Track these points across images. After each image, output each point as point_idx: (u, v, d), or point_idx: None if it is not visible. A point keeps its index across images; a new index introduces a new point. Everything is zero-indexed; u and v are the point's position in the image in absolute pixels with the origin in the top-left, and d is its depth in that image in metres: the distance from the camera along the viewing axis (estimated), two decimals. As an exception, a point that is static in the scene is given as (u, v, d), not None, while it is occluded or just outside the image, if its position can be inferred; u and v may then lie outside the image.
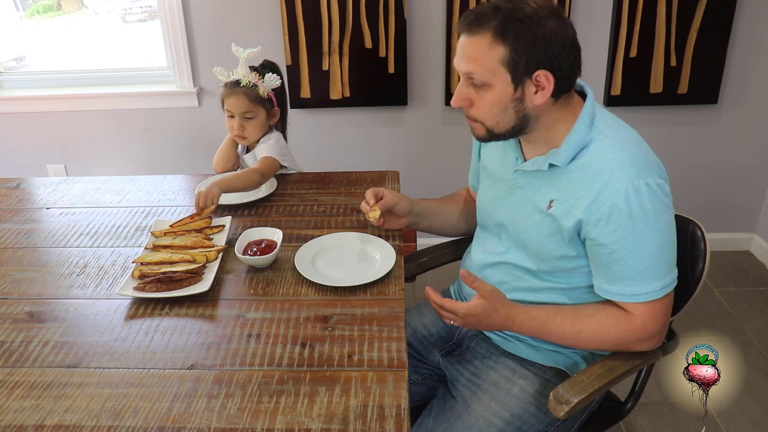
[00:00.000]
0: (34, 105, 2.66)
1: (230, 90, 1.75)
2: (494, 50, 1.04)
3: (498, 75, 1.05)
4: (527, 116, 1.10)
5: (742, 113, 2.52)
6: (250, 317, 1.19)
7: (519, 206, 1.22)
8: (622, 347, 1.16)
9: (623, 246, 1.07)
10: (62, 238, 1.51)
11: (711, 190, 2.67)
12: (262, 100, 1.77)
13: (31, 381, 1.04)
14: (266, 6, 2.39)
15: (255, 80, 1.75)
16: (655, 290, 1.09)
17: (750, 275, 2.64)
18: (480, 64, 1.06)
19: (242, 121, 1.76)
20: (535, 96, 1.07)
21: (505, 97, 1.07)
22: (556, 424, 1.20)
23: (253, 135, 1.80)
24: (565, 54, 1.05)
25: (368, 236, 1.42)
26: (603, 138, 1.10)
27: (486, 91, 1.08)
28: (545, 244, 1.17)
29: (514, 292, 1.23)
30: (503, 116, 1.10)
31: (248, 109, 1.75)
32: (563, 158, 1.11)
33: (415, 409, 1.30)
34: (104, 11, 3.09)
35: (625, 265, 1.08)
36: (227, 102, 1.77)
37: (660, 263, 1.09)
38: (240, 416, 0.96)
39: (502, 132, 1.12)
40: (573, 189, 1.11)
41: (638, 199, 1.04)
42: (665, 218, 1.08)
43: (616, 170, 1.06)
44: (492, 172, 1.31)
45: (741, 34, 2.37)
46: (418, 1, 2.37)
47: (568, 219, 1.11)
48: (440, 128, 2.59)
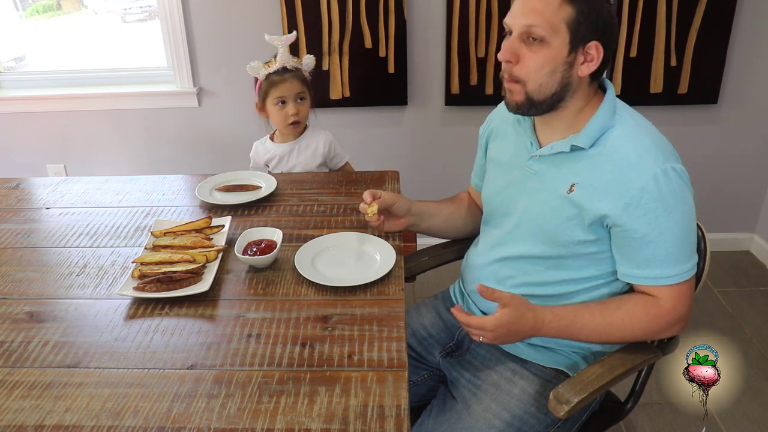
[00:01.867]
0: (33, 105, 2.66)
1: (279, 77, 1.79)
2: (562, 9, 1.07)
3: (559, 33, 1.08)
4: (569, 86, 1.12)
5: (742, 113, 2.52)
6: (250, 317, 1.19)
7: (534, 192, 1.22)
8: (652, 335, 1.17)
9: (654, 228, 1.08)
10: (62, 238, 1.51)
11: (711, 190, 2.67)
12: (307, 81, 1.83)
13: (30, 381, 1.04)
14: (266, 6, 2.39)
15: (297, 64, 1.80)
16: (683, 272, 1.11)
17: (750, 275, 2.64)
18: (545, 18, 1.07)
19: (296, 104, 1.81)
20: (581, 66, 1.10)
21: (559, 58, 1.09)
22: (557, 425, 1.20)
23: (305, 116, 1.85)
24: (615, 33, 1.13)
25: (368, 236, 1.42)
26: (625, 124, 1.13)
27: (541, 47, 1.09)
28: (563, 229, 1.17)
29: (522, 287, 1.23)
30: (549, 78, 1.10)
31: (300, 89, 1.81)
32: (587, 140, 1.13)
33: (415, 409, 1.30)
34: (104, 11, 3.09)
35: (657, 247, 1.09)
36: (279, 89, 1.79)
37: (687, 245, 1.12)
38: (240, 416, 0.96)
39: (540, 99, 1.13)
40: (597, 173, 1.12)
41: (667, 181, 1.07)
42: (689, 202, 1.11)
43: (643, 155, 1.09)
44: (503, 162, 1.31)
45: (741, 34, 2.37)
46: (418, 1, 2.36)
47: (593, 203, 1.12)
48: (440, 128, 2.59)
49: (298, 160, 1.89)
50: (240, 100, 2.55)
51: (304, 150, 1.89)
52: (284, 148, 1.89)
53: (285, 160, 1.90)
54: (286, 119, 1.82)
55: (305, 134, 1.90)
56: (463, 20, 2.35)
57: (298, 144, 1.89)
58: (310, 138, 1.90)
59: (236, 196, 1.67)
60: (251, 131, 2.58)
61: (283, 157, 1.90)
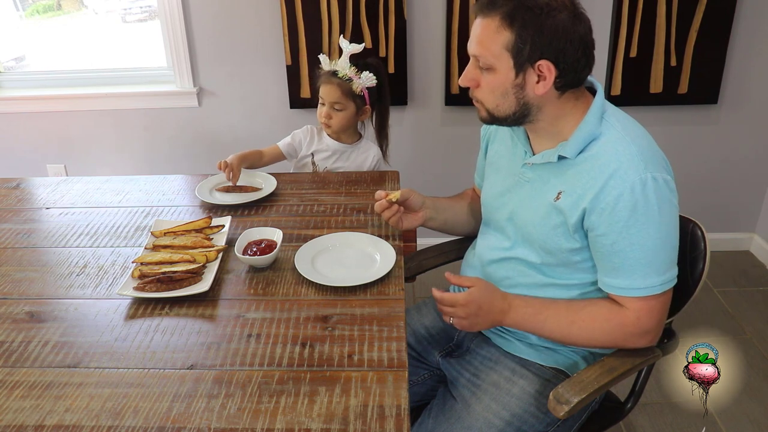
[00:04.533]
0: (34, 105, 2.66)
1: (326, 78, 1.83)
2: (500, 35, 1.07)
3: (501, 59, 1.08)
4: (528, 104, 1.12)
5: (742, 113, 2.52)
6: (250, 317, 1.19)
7: (526, 199, 1.22)
8: (616, 342, 1.16)
9: (624, 237, 1.07)
10: (62, 238, 1.51)
11: (711, 190, 2.67)
12: (354, 95, 1.83)
13: (31, 381, 1.04)
14: (266, 6, 2.39)
15: (352, 75, 1.80)
16: (654, 286, 1.09)
17: (750, 275, 2.64)
18: (486, 48, 1.09)
19: (330, 110, 1.83)
20: (536, 85, 1.09)
21: (507, 82, 1.10)
22: (557, 424, 1.20)
23: (337, 126, 1.87)
24: (571, 48, 1.06)
25: (368, 236, 1.42)
26: (613, 131, 1.11)
27: (490, 73, 1.11)
28: (551, 237, 1.17)
29: (518, 288, 1.24)
30: (503, 100, 1.12)
31: (338, 100, 1.82)
32: (572, 150, 1.12)
33: (415, 409, 1.30)
34: (104, 11, 3.09)
35: (626, 257, 1.08)
36: (321, 90, 1.84)
37: (660, 259, 1.09)
38: (240, 416, 0.96)
39: (502, 116, 1.15)
40: (581, 180, 1.11)
41: (644, 191, 1.05)
42: (669, 214, 1.08)
43: (624, 162, 1.07)
44: (499, 167, 1.31)
45: (741, 34, 2.37)
46: (418, 1, 2.37)
47: (575, 209, 1.12)
48: (440, 128, 2.59)
49: (346, 164, 1.92)
50: (240, 100, 2.55)
51: (356, 158, 1.93)
52: (337, 147, 1.92)
53: (334, 158, 1.93)
54: (320, 117, 1.87)
55: (361, 143, 1.94)
56: (463, 20, 2.35)
57: (352, 149, 1.93)
58: (364, 147, 1.94)
59: (236, 196, 1.67)
60: (251, 131, 2.59)
61: (334, 154, 1.92)
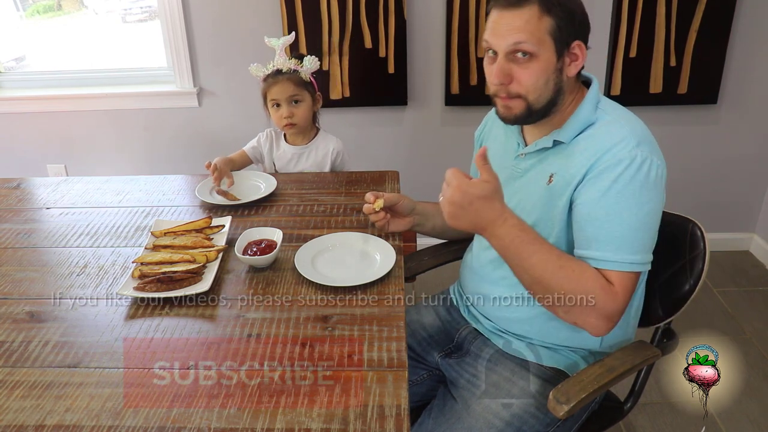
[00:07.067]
0: (34, 105, 2.66)
1: (273, 79, 1.79)
2: (543, 21, 1.09)
3: (545, 45, 1.10)
4: (561, 90, 1.15)
5: (741, 113, 2.52)
6: (250, 317, 1.19)
7: (522, 188, 1.23)
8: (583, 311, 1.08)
9: (601, 206, 1.08)
10: (62, 238, 1.51)
11: (711, 190, 2.67)
12: (305, 84, 1.81)
13: (31, 381, 1.04)
14: (266, 6, 2.39)
15: (295, 66, 1.78)
16: (626, 261, 1.08)
17: (750, 275, 2.64)
18: (530, 33, 1.09)
19: (290, 107, 1.79)
20: (569, 67, 1.13)
21: (550, 67, 1.12)
22: (556, 425, 1.20)
23: (302, 119, 1.82)
24: (589, 28, 1.14)
25: (368, 236, 1.42)
26: (607, 116, 1.15)
27: (531, 61, 1.11)
28: (545, 221, 1.18)
29: (518, 287, 1.22)
30: (545, 88, 1.13)
31: (294, 92, 1.78)
32: (568, 134, 1.16)
33: (415, 409, 1.30)
34: (104, 11, 3.09)
35: (600, 226, 1.08)
36: (272, 92, 1.79)
37: (635, 238, 1.08)
38: (240, 416, 0.96)
39: (541, 106, 1.15)
40: (574, 160, 1.14)
41: (629, 166, 1.07)
42: (651, 197, 1.08)
43: (616, 139, 1.10)
44: (493, 164, 1.31)
45: (741, 34, 2.37)
46: (418, 1, 2.37)
47: (567, 187, 1.14)
48: (440, 128, 2.59)
49: (306, 164, 1.89)
50: (240, 100, 2.55)
51: (314, 155, 1.89)
52: (294, 151, 1.89)
53: (293, 163, 1.90)
54: (280, 121, 1.83)
55: (316, 139, 1.89)
56: (463, 20, 2.35)
57: (308, 148, 1.89)
58: (321, 143, 1.89)
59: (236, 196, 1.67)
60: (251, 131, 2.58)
61: (292, 159, 1.90)
